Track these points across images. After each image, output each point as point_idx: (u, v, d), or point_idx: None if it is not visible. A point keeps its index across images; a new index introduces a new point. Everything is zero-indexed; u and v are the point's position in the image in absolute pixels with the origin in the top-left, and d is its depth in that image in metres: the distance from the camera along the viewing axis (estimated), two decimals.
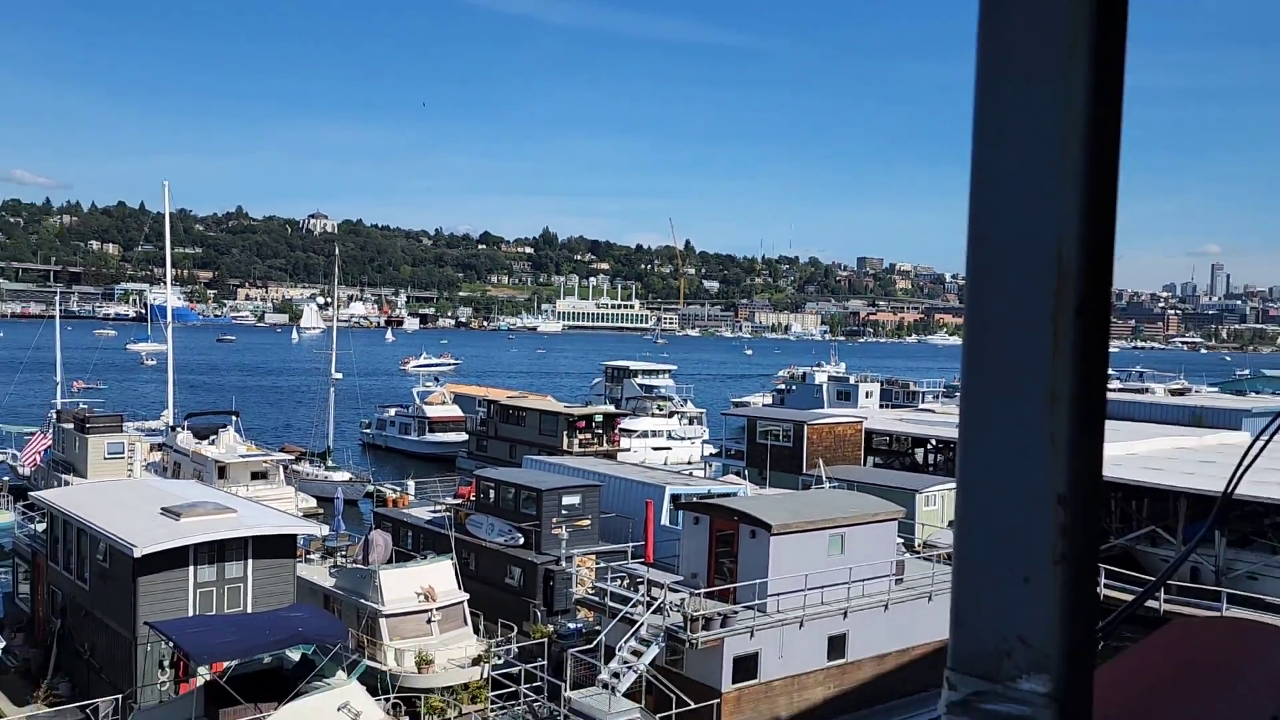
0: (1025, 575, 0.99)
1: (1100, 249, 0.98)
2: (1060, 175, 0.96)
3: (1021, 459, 0.98)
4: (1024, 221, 0.98)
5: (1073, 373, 0.96)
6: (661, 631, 22.01)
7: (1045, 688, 0.98)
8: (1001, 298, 1.00)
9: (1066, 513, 0.97)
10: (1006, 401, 0.99)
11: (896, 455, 52.78)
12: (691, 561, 24.94)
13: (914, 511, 34.13)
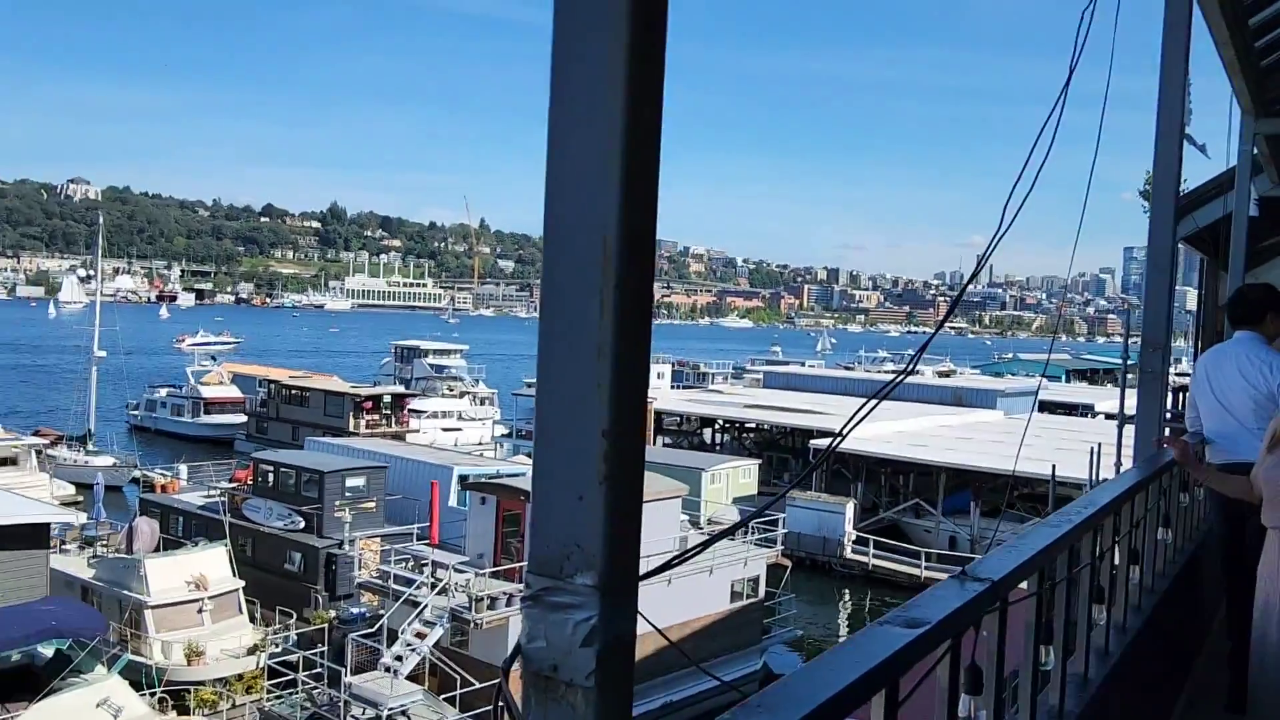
0: (580, 494, 1.26)
1: (639, 238, 1.26)
2: (604, 181, 1.23)
3: (578, 400, 1.26)
4: (580, 215, 1.25)
5: (614, 333, 1.24)
6: (446, 613, 22.03)
7: (593, 582, 1.26)
8: (566, 273, 1.27)
9: (610, 444, 1.25)
10: (569, 355, 1.26)
11: (686, 435, 54.46)
12: (478, 542, 25.02)
13: (699, 489, 35.37)
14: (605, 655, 1.25)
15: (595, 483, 1.25)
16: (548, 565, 1.28)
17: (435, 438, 51.18)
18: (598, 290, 1.24)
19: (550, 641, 1.28)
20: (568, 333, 1.26)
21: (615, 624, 1.26)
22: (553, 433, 1.28)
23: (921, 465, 39.32)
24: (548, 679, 1.28)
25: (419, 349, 72.83)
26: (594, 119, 1.24)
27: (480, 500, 25.36)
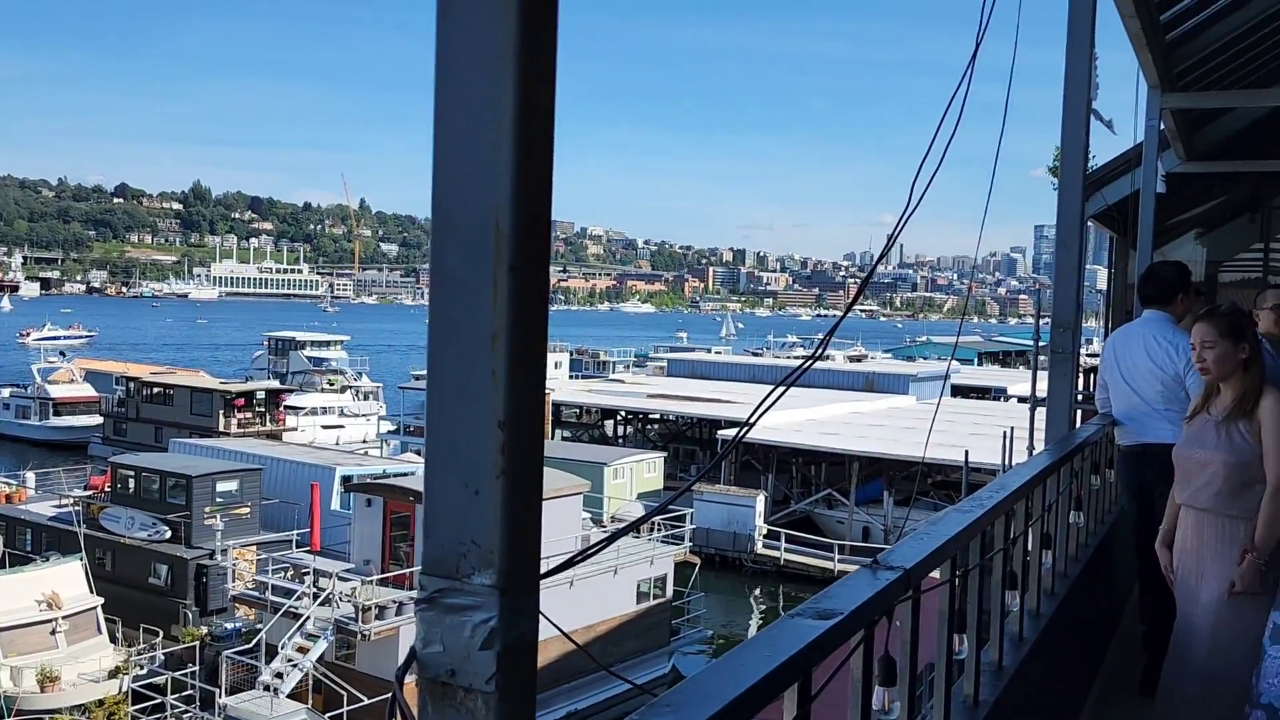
0: (476, 489, 1.27)
1: (533, 218, 1.27)
2: (495, 159, 1.24)
3: (470, 390, 1.26)
4: (470, 195, 1.26)
5: (509, 319, 1.25)
6: (330, 624, 21.70)
7: (492, 580, 1.27)
8: (455, 256, 1.27)
9: (506, 435, 1.26)
10: (460, 342, 1.27)
11: (586, 427, 54.51)
12: (364, 547, 24.69)
13: (601, 485, 35.46)
14: (506, 658, 1.26)
15: (492, 476, 1.26)
16: (442, 565, 1.29)
17: (315, 436, 50.23)
18: (490, 274, 1.25)
19: (447, 645, 1.28)
20: (459, 320, 1.27)
21: (516, 625, 1.28)
22: (445, 425, 1.29)
23: (834, 454, 40.09)
24: (445, 685, 1.29)
25: (295, 340, 71.29)
26: (483, 93, 1.24)
27: (366, 502, 25.01)
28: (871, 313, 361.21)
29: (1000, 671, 3.21)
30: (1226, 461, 3.62)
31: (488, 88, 1.24)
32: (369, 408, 59.46)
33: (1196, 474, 3.71)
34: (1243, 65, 10.80)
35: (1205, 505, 3.70)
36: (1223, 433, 3.64)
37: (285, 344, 70.91)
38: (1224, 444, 3.63)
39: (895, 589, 2.07)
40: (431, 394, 1.30)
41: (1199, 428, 3.77)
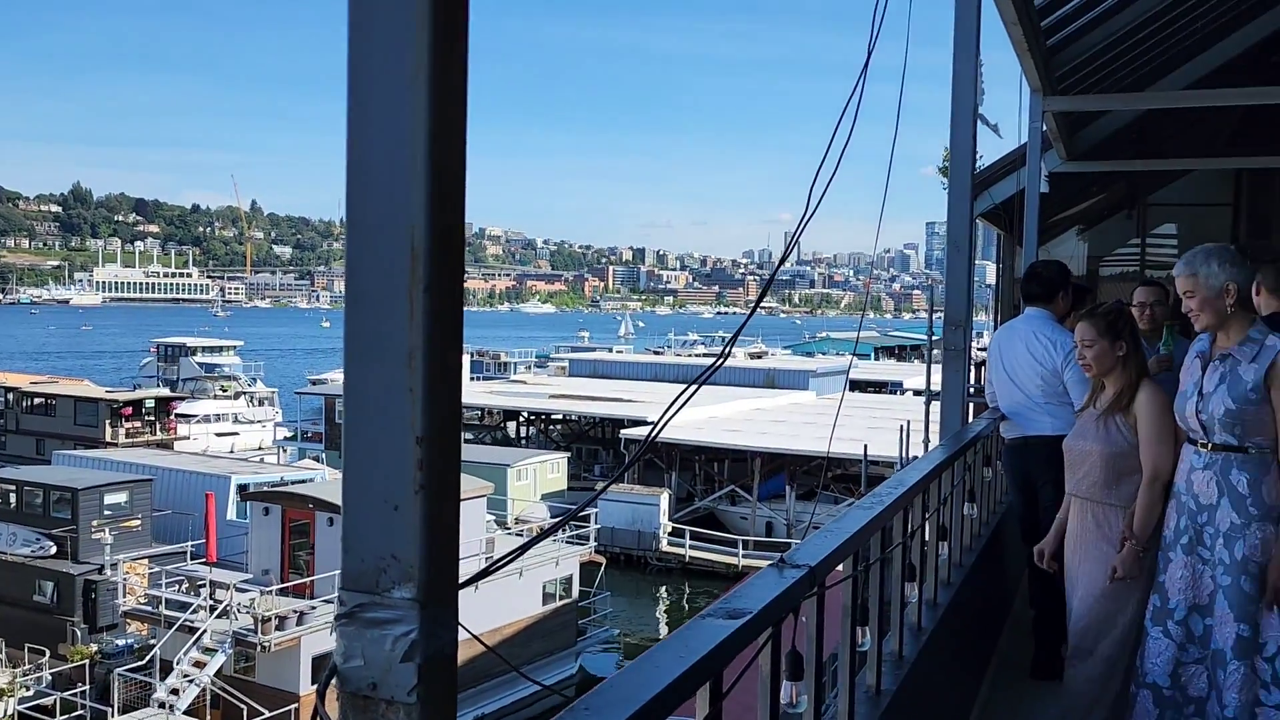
0: (395, 504, 1.29)
1: (448, 236, 1.29)
2: (409, 177, 1.26)
3: (389, 408, 1.29)
4: (385, 213, 1.28)
5: (425, 336, 1.27)
6: (228, 637, 21.21)
7: (412, 594, 1.29)
8: (371, 274, 1.29)
9: (425, 451, 1.28)
10: (378, 361, 1.29)
11: (488, 429, 54.15)
12: (262, 557, 24.22)
13: (505, 487, 35.30)
14: (428, 669, 1.29)
15: (411, 491, 1.28)
16: (362, 580, 1.31)
17: (208, 444, 48.98)
18: (406, 294, 1.27)
19: (368, 659, 1.30)
20: (376, 338, 1.29)
21: (437, 636, 1.30)
22: (363, 441, 1.30)
23: (736, 451, 40.53)
24: (366, 699, 1.31)
25: (185, 346, 69.31)
26: (396, 113, 1.27)
27: (263, 511, 24.51)
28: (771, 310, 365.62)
29: (901, 661, 3.32)
30: (1103, 453, 3.79)
31: (400, 108, 1.27)
32: (264, 414, 58.15)
33: (1079, 465, 3.90)
34: (1119, 69, 11.26)
35: (1086, 494, 3.88)
36: (1101, 425, 3.82)
37: (175, 350, 68.91)
38: (1102, 436, 3.81)
39: (801, 586, 2.15)
40: (350, 411, 1.31)
41: (1084, 421, 3.96)
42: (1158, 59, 11.80)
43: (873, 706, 2.92)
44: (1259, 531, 3.48)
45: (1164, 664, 3.60)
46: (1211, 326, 3.60)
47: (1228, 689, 3.46)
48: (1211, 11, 11.02)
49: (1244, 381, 3.52)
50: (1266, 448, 3.52)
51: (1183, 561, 3.62)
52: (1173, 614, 3.62)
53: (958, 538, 4.57)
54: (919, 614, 3.71)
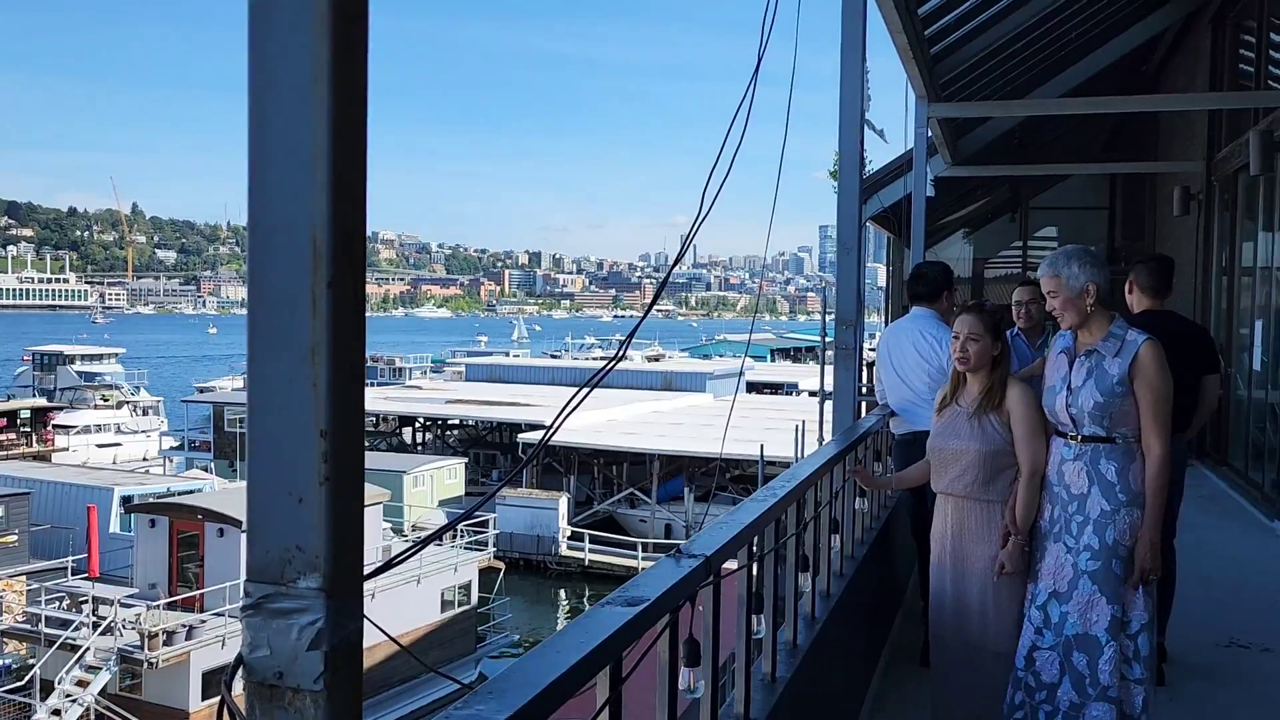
0: (299, 496, 1.32)
1: (349, 236, 1.33)
2: (311, 180, 1.30)
3: (292, 402, 1.32)
4: (288, 215, 1.31)
5: (328, 333, 1.31)
6: (113, 654, 20.55)
7: (317, 584, 1.32)
8: (274, 273, 1.32)
9: (329, 444, 1.32)
10: (281, 358, 1.32)
11: (384, 436, 53.40)
12: (149, 570, 23.53)
13: (401, 494, 34.88)
14: (334, 657, 1.32)
15: (315, 484, 1.32)
16: (267, 572, 1.34)
17: (89, 456, 47.29)
18: (309, 291, 1.30)
19: (274, 649, 1.33)
20: (280, 336, 1.31)
21: (343, 625, 1.34)
22: (267, 436, 1.33)
23: (634, 454, 40.69)
24: (273, 687, 1.33)
25: (63, 355, 66.70)
26: (297, 117, 1.30)
27: (149, 523, 23.81)
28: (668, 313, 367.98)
29: (795, 649, 3.43)
30: (981, 451, 3.93)
31: (301, 112, 1.30)
32: (149, 423, 56.37)
33: (952, 464, 4.00)
34: (999, 77, 11.68)
35: (963, 492, 3.99)
36: (975, 424, 3.95)
37: (52, 359, 66.28)
38: (977, 434, 3.94)
39: (697, 575, 2.22)
40: (253, 406, 1.34)
41: (951, 420, 4.05)
42: (1035, 68, 12.27)
43: (768, 693, 3.02)
44: (1127, 516, 3.68)
45: (1023, 648, 3.76)
46: (1074, 324, 3.79)
47: (1102, 668, 3.64)
48: (1085, 23, 11.52)
49: (1110, 375, 3.71)
50: (1132, 437, 3.72)
51: (1053, 550, 3.78)
52: (1035, 600, 3.79)
53: (849, 531, 4.72)
54: (813, 605, 3.83)
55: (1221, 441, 11.96)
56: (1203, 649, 5.83)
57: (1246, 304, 11.21)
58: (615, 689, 1.81)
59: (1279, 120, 9.22)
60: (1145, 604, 3.71)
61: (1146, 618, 3.71)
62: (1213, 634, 6.07)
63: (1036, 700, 3.73)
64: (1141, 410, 3.70)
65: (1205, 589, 6.89)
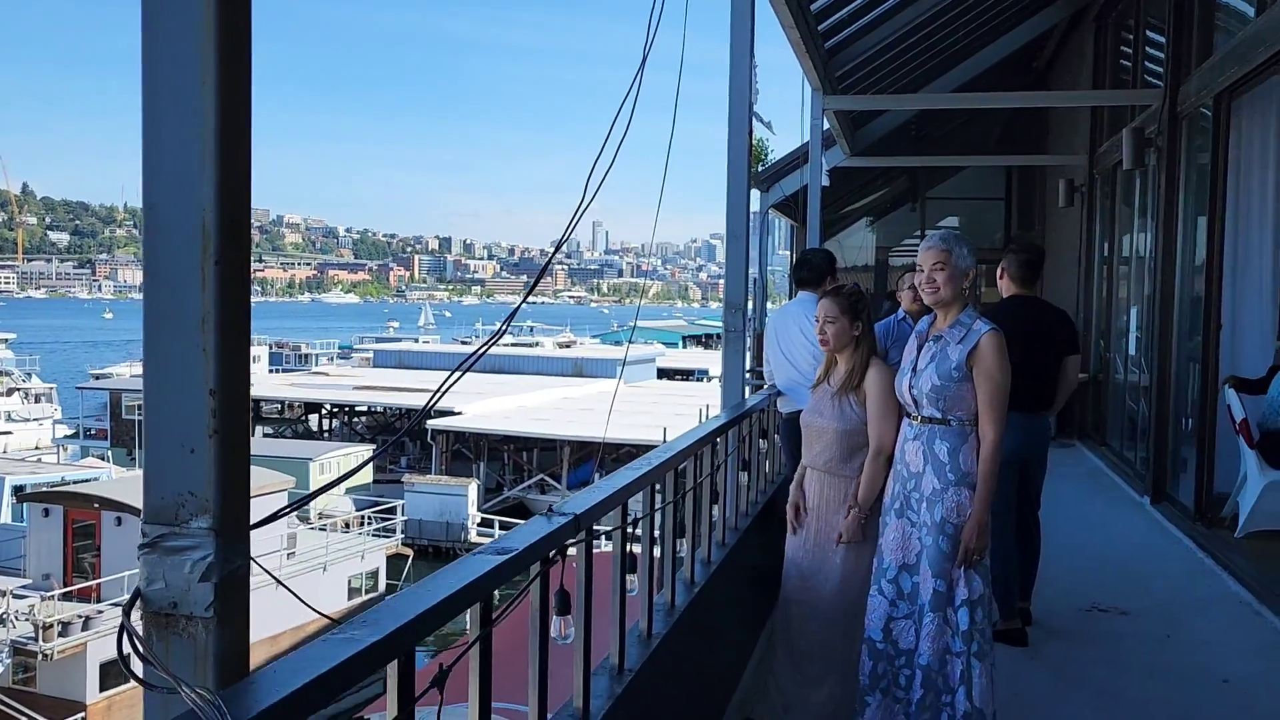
0: (191, 447, 1.51)
1: (235, 217, 1.52)
2: (200, 167, 1.48)
3: (185, 363, 1.50)
4: (179, 198, 1.50)
5: (216, 303, 1.50)
6: (5, 646, 20.10)
7: (208, 524, 1.51)
8: (168, 252, 1.51)
9: (218, 401, 1.51)
10: (174, 324, 1.51)
11: (290, 423, 52.64)
12: (43, 560, 23.05)
13: (307, 481, 34.51)
14: (223, 588, 1.51)
15: (205, 436, 1.51)
16: (163, 514, 1.52)
17: None
18: (199, 267, 1.49)
19: (169, 582, 1.52)
20: (172, 305, 1.50)
21: (231, 560, 1.53)
22: (162, 394, 1.52)
23: (545, 439, 40.83)
24: (168, 616, 1.52)
25: None
26: (187, 107, 1.48)
27: (43, 513, 23.29)
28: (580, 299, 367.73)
29: (673, 610, 3.67)
30: (838, 430, 4.21)
31: (190, 102, 1.48)
32: (41, 411, 54.73)
33: (817, 439, 4.29)
34: (894, 71, 12.09)
35: (824, 468, 4.28)
36: (836, 403, 4.24)
37: None
38: (837, 413, 4.23)
39: (566, 531, 2.45)
40: (148, 368, 1.52)
41: (819, 398, 4.34)
42: (930, 62, 12.71)
43: (644, 647, 3.25)
44: (955, 495, 3.91)
45: (878, 620, 4.02)
46: (947, 301, 4.02)
47: (922, 638, 3.92)
48: (977, 20, 11.97)
49: (950, 360, 3.96)
50: (966, 421, 3.96)
51: (895, 525, 4.05)
52: (886, 573, 4.04)
53: (732, 503, 4.99)
54: (691, 570, 4.08)
55: (1101, 423, 12.59)
56: (1065, 614, 6.24)
57: (1124, 292, 11.81)
58: (485, 627, 2.03)
59: (1151, 117, 9.75)
60: (968, 580, 3.90)
61: (967, 594, 3.89)
62: (1076, 600, 6.50)
63: (897, 666, 4.00)
64: (979, 397, 3.93)
65: (1073, 559, 7.35)
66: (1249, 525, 7.65)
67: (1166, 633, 6.03)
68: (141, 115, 1.50)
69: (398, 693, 1.73)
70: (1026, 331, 5.49)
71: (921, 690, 3.86)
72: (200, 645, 1.51)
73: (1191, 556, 7.80)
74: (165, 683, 1.43)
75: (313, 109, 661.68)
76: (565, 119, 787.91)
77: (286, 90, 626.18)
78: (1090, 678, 5.28)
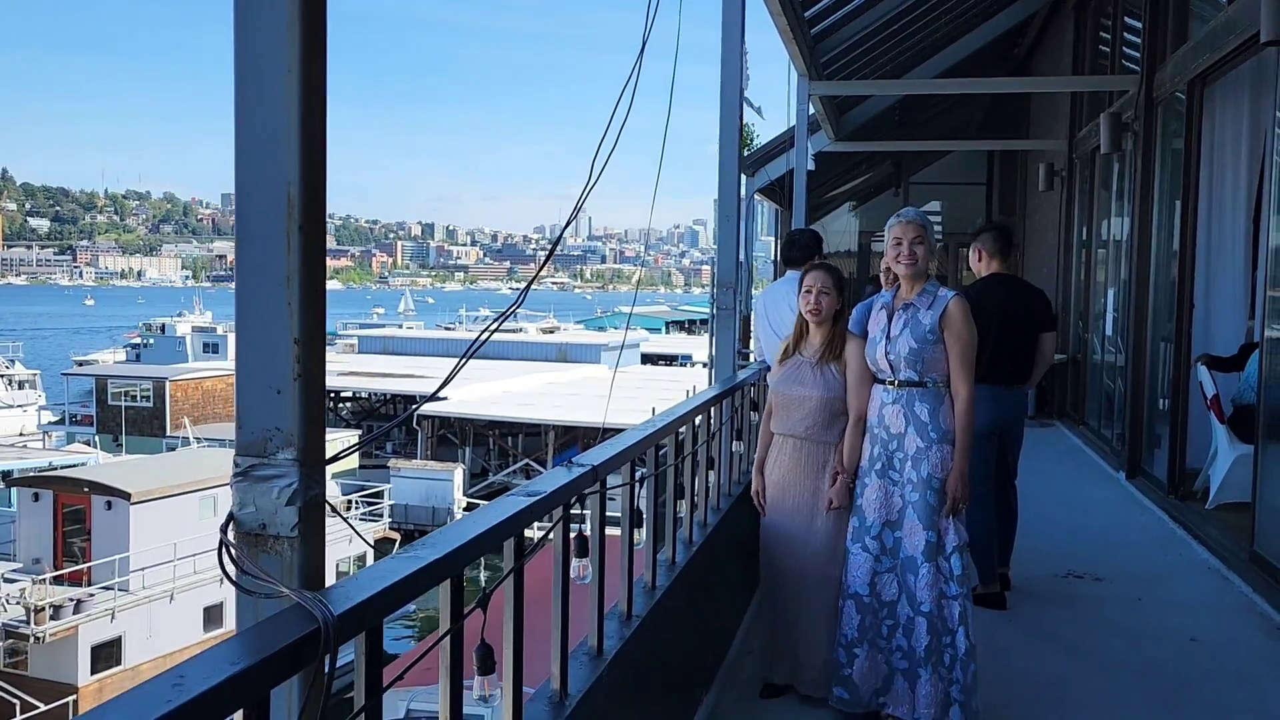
0: (278, 388, 1.75)
1: (313, 191, 1.75)
2: (286, 146, 1.71)
3: (273, 316, 1.73)
4: (268, 175, 1.72)
5: (299, 265, 1.73)
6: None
7: (292, 456, 1.75)
8: (258, 220, 1.74)
9: (300, 349, 1.74)
10: (264, 282, 1.74)
11: None
12: (32, 544, 23.18)
13: None
14: (305, 512, 1.75)
15: (290, 379, 1.74)
16: (253, 447, 1.76)
17: None
18: (285, 232, 1.72)
19: (259, 506, 1.75)
20: (262, 266, 1.73)
21: (311, 488, 1.76)
22: (253, 342, 1.75)
23: (530, 425, 41.07)
24: (258, 536, 1.75)
25: None
26: (275, 97, 1.71)
27: (33, 497, 23.42)
28: (562, 285, 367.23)
29: (674, 566, 3.93)
30: (822, 398, 4.46)
31: (278, 97, 1.71)
32: (26, 397, 54.59)
33: (796, 408, 4.51)
34: (878, 57, 12.34)
35: (804, 434, 4.50)
36: (818, 373, 4.47)
37: None
38: (820, 382, 4.46)
39: (585, 480, 2.69)
40: (240, 319, 1.75)
41: (794, 369, 4.53)
42: (913, 48, 12.96)
43: (648, 597, 3.51)
44: (938, 452, 4.22)
45: (863, 575, 4.30)
46: (915, 274, 4.32)
47: (920, 588, 4.20)
48: (960, 5, 12.22)
49: (923, 325, 4.27)
50: (941, 382, 4.27)
51: (876, 484, 4.32)
52: (869, 531, 4.31)
53: (726, 470, 5.24)
54: (690, 530, 4.34)
55: (1080, 403, 12.91)
56: (1043, 580, 6.53)
57: (1102, 275, 12.11)
58: (519, 560, 2.27)
59: (1128, 103, 10.03)
60: (957, 529, 4.24)
61: (957, 541, 4.23)
62: (1053, 567, 6.79)
63: (880, 617, 4.29)
64: (950, 357, 4.26)
65: (1051, 530, 7.65)
66: (1220, 497, 7.96)
67: (1138, 596, 6.33)
68: (234, 102, 1.73)
69: (449, 607, 1.98)
70: (1004, 307, 5.77)
71: (928, 637, 4.15)
72: (286, 561, 1.75)
73: (1164, 527, 8.12)
74: (262, 589, 1.67)
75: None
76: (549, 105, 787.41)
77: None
78: (1063, 635, 5.57)
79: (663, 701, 3.74)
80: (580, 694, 2.67)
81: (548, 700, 2.61)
